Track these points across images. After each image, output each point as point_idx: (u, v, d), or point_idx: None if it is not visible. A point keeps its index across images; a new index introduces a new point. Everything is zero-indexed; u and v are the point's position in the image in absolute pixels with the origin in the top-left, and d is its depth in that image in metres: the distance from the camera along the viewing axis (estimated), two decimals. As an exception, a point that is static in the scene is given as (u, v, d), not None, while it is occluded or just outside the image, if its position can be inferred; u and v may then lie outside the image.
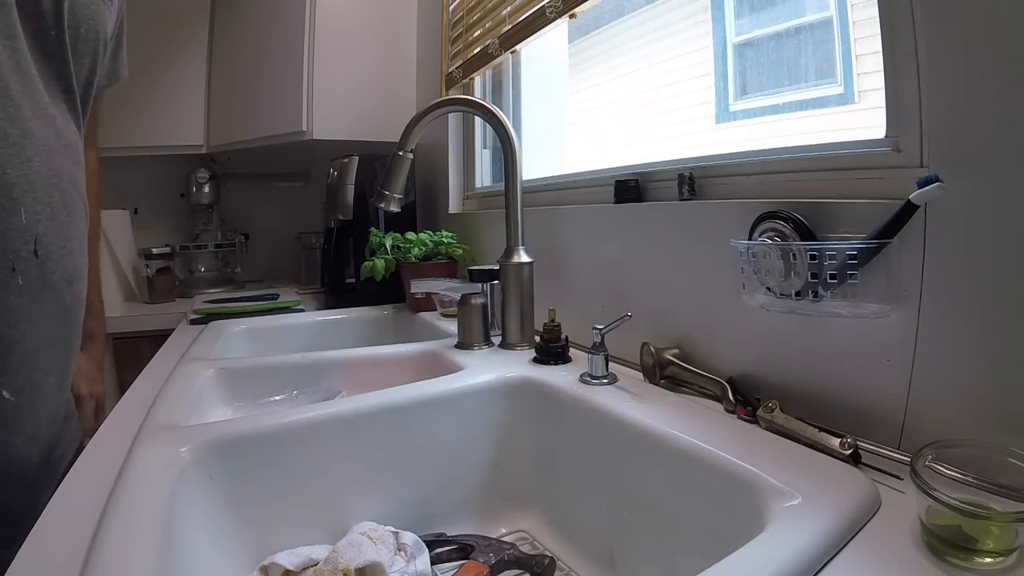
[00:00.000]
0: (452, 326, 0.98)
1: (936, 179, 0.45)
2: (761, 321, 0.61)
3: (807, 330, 0.57)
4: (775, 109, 1.00)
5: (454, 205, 1.50)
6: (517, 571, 0.57)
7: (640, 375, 0.72)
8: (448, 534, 0.62)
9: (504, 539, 0.63)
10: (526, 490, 0.69)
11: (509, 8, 1.17)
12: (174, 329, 1.23)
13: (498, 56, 1.22)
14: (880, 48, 0.53)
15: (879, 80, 0.54)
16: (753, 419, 0.56)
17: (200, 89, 1.81)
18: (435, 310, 1.20)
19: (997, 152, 0.44)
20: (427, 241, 1.25)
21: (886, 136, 0.54)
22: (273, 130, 1.67)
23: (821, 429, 0.50)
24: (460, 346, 0.89)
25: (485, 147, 1.46)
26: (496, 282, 0.94)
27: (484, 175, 1.46)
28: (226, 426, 0.58)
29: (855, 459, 0.47)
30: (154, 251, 1.74)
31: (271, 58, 1.67)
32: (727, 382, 0.62)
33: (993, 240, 0.44)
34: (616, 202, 0.84)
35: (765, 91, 1.04)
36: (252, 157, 1.99)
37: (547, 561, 0.57)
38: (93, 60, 0.69)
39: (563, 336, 0.79)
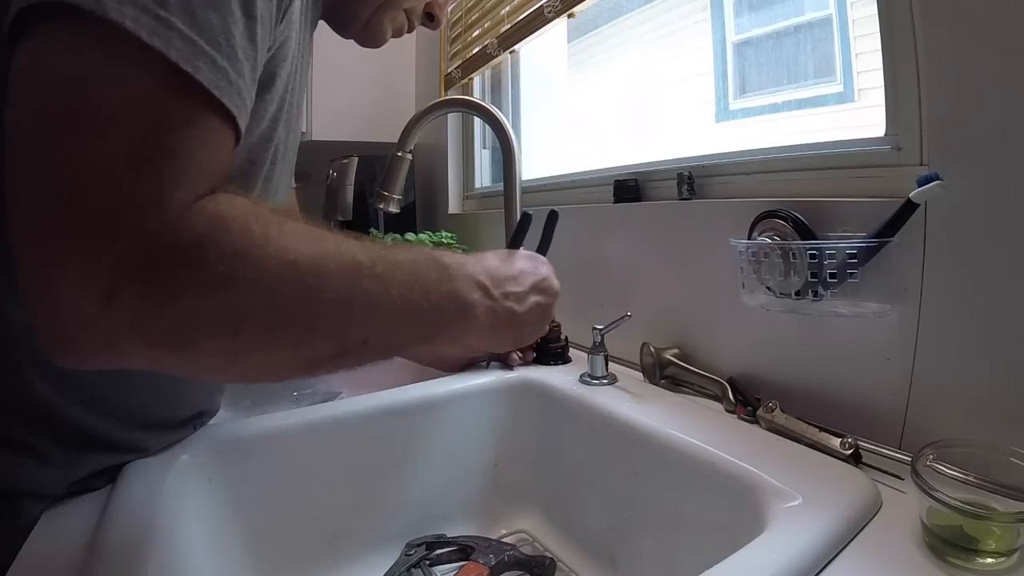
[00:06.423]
0: (452, 326, 0.98)
1: (936, 177, 0.45)
2: (761, 321, 0.61)
3: (807, 330, 0.57)
4: (775, 108, 1.00)
5: (454, 205, 1.49)
6: (517, 572, 0.57)
7: (640, 375, 0.72)
8: (448, 535, 0.62)
9: (504, 540, 0.63)
10: (526, 490, 0.69)
11: (508, 8, 1.16)
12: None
13: (497, 56, 1.21)
14: (879, 46, 0.53)
15: (879, 78, 0.54)
16: (753, 419, 0.56)
17: (199, 90, 1.81)
18: (435, 310, 1.19)
19: (997, 150, 0.43)
20: (427, 241, 1.24)
21: (886, 134, 0.54)
22: (273, 131, 1.67)
23: (821, 429, 0.50)
24: (460, 346, 0.89)
25: (484, 147, 1.46)
26: (496, 282, 0.93)
27: (484, 175, 1.46)
28: (226, 428, 0.57)
29: (856, 459, 0.47)
30: (154, 252, 1.73)
31: (270, 59, 1.67)
32: (727, 382, 0.62)
33: (993, 238, 0.44)
34: (615, 202, 0.84)
35: (765, 90, 1.04)
36: (252, 158, 1.99)
37: (547, 562, 0.57)
38: None
39: (563, 336, 0.79)
